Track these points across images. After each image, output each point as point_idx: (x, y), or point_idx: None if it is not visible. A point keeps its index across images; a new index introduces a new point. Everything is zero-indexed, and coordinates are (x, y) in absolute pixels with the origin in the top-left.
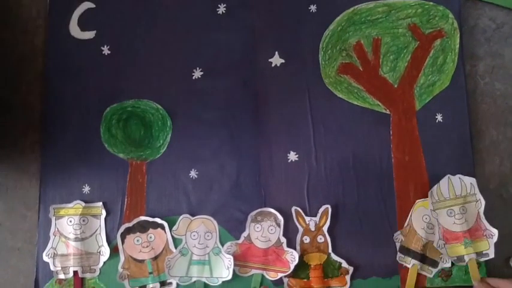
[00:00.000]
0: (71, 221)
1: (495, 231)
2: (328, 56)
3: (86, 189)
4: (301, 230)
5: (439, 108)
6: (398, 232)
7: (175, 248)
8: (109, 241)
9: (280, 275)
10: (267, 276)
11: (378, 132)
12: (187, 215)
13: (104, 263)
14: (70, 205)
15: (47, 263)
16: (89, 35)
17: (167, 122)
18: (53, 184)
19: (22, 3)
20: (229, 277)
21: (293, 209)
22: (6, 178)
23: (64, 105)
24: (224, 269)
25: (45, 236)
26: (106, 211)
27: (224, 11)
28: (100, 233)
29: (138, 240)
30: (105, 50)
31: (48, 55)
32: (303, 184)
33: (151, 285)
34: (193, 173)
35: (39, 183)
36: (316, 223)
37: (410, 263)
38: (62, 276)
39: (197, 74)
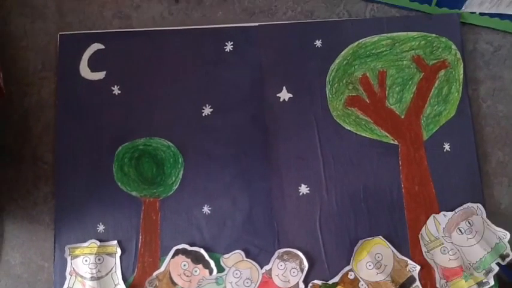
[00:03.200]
0: (86, 261)
1: None
2: (335, 89)
3: (101, 228)
4: None
5: (446, 137)
6: None
7: None
8: (125, 279)
9: None
10: None
11: (387, 163)
12: (241, 252)
13: None
14: (85, 244)
15: None
16: (99, 75)
17: (179, 159)
18: (68, 224)
19: (26, 57)
20: None
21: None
22: (21, 230)
23: (77, 146)
24: None
25: (62, 276)
26: (121, 249)
27: (231, 49)
28: (116, 271)
29: (184, 265)
30: (115, 90)
31: (59, 96)
32: (315, 217)
33: None
34: (206, 209)
35: (53, 225)
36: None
37: None
38: None
39: (207, 110)
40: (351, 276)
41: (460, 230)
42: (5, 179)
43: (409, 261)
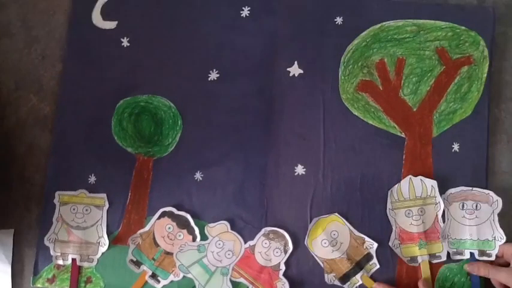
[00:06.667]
0: (74, 209)
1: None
2: (349, 71)
3: (92, 179)
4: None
5: (457, 137)
6: (325, 276)
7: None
8: (109, 233)
9: None
10: None
11: (390, 155)
12: (227, 223)
13: (102, 253)
14: (75, 193)
15: (48, 248)
16: (110, 25)
17: (178, 121)
18: (60, 171)
19: None
20: None
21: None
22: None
23: (80, 94)
24: None
25: (49, 221)
26: (109, 203)
27: (248, 14)
28: (101, 224)
29: (169, 228)
30: (125, 42)
31: (69, 41)
32: (307, 199)
33: (145, 268)
34: (198, 175)
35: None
36: None
37: (358, 279)
38: (60, 262)
39: (213, 75)
40: None
41: (463, 206)
42: None
43: (366, 238)
